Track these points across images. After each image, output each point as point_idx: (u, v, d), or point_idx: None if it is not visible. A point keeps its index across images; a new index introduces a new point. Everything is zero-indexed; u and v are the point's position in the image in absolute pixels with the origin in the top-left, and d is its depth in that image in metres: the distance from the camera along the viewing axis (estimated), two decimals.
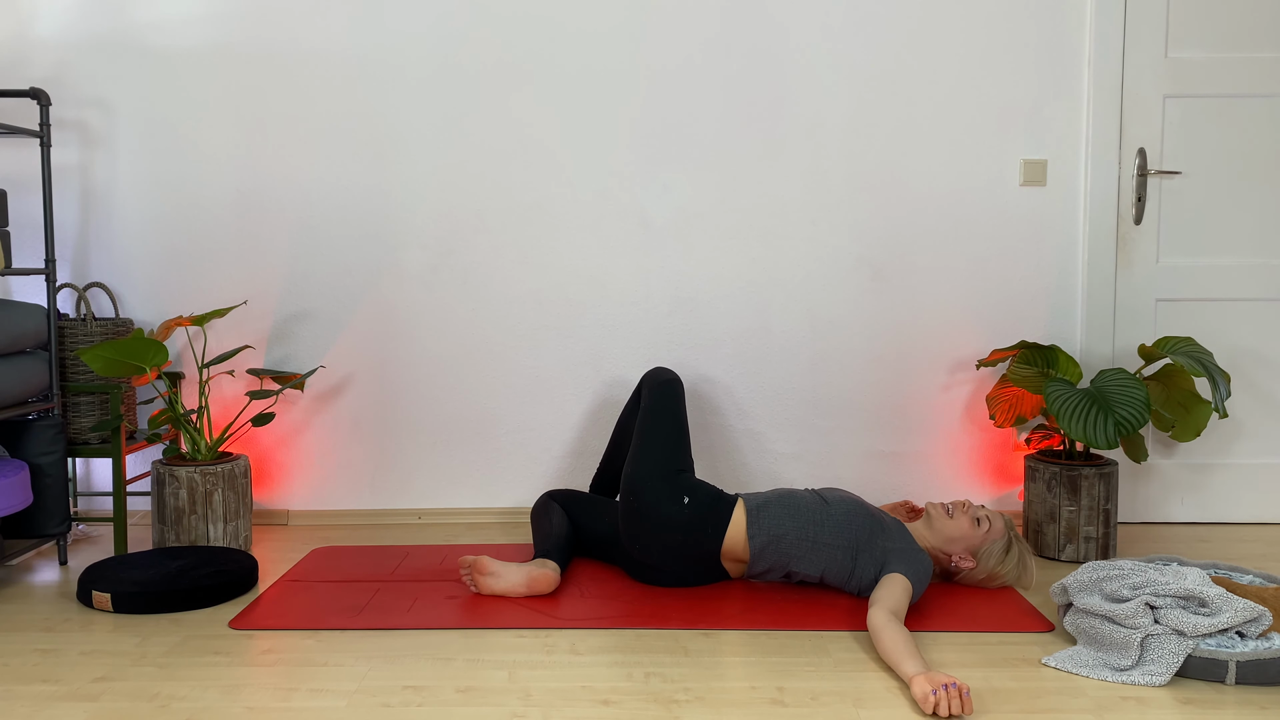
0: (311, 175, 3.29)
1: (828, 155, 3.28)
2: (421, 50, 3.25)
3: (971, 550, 2.60)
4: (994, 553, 2.60)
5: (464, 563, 2.62)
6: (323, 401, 3.35)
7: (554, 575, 2.60)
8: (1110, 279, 3.28)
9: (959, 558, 2.60)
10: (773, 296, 3.32)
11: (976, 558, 2.60)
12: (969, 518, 2.62)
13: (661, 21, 3.24)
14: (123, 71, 3.26)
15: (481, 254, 3.31)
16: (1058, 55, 3.25)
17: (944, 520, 2.62)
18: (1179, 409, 3.03)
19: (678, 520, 2.56)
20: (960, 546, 2.60)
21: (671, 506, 2.57)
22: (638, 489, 2.60)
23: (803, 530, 2.54)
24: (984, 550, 2.60)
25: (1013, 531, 2.65)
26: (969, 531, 2.60)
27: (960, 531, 2.60)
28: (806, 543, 2.53)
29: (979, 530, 2.61)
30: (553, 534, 2.78)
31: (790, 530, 2.54)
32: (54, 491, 2.86)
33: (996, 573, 2.61)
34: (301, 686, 2.08)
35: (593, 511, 2.89)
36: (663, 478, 2.60)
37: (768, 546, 2.55)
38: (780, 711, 1.96)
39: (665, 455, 2.64)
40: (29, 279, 3.31)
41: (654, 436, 2.68)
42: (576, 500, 2.94)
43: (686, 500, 2.57)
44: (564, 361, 3.34)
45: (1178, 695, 2.03)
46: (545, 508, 2.91)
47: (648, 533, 2.59)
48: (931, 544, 2.63)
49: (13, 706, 1.99)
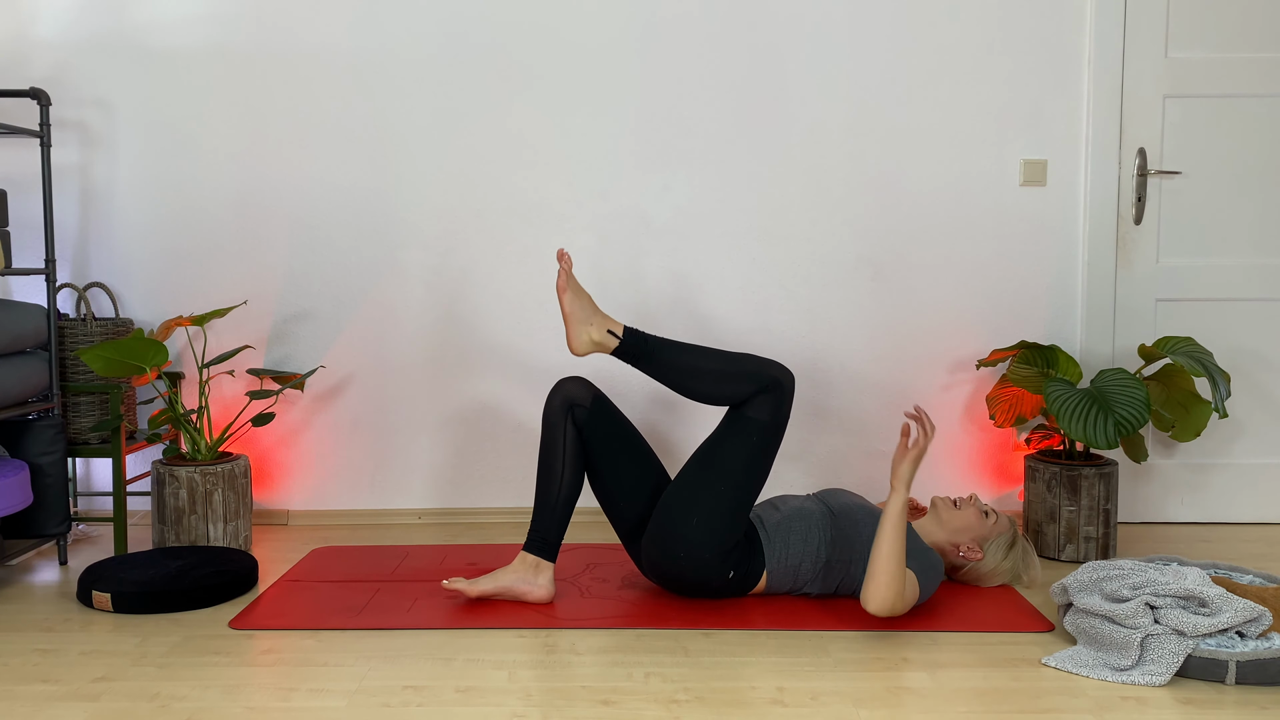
0: (311, 175, 3.29)
1: (828, 155, 3.28)
2: (422, 50, 3.25)
3: (979, 541, 2.60)
4: (1000, 545, 2.60)
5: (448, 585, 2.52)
6: (323, 401, 3.35)
7: (548, 589, 2.50)
8: (1110, 279, 3.28)
9: (966, 549, 2.59)
10: (773, 296, 3.32)
11: (983, 550, 2.60)
12: (976, 509, 2.62)
13: (662, 21, 3.24)
14: (123, 71, 3.26)
15: (481, 254, 3.31)
16: (1058, 55, 3.25)
17: (951, 512, 2.62)
18: (1179, 409, 3.03)
19: (714, 586, 2.50)
20: (967, 537, 2.60)
21: (715, 579, 2.47)
22: (684, 556, 2.43)
23: (816, 558, 2.51)
24: (991, 542, 2.60)
25: (1016, 528, 2.66)
26: (976, 522, 2.60)
27: (967, 522, 2.60)
28: (820, 566, 2.51)
29: (986, 522, 2.61)
30: (557, 504, 2.50)
31: (806, 566, 2.51)
32: (54, 491, 2.86)
33: (1002, 566, 2.61)
34: (301, 686, 2.08)
35: (629, 482, 2.55)
36: (719, 555, 2.43)
37: (783, 585, 2.55)
38: (780, 711, 1.96)
39: (728, 527, 2.43)
40: (29, 279, 3.31)
41: (727, 497, 2.43)
42: (607, 450, 2.55)
43: (732, 575, 2.47)
44: (564, 361, 3.33)
45: (1178, 695, 2.03)
46: (557, 435, 2.52)
47: (675, 582, 2.51)
48: (938, 538, 2.62)
49: (13, 706, 1.99)
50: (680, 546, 2.43)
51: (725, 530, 2.43)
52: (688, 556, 2.43)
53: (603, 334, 2.50)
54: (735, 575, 2.48)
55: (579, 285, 2.52)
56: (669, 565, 2.47)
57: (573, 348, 2.51)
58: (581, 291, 2.52)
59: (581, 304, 2.51)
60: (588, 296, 2.53)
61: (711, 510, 2.42)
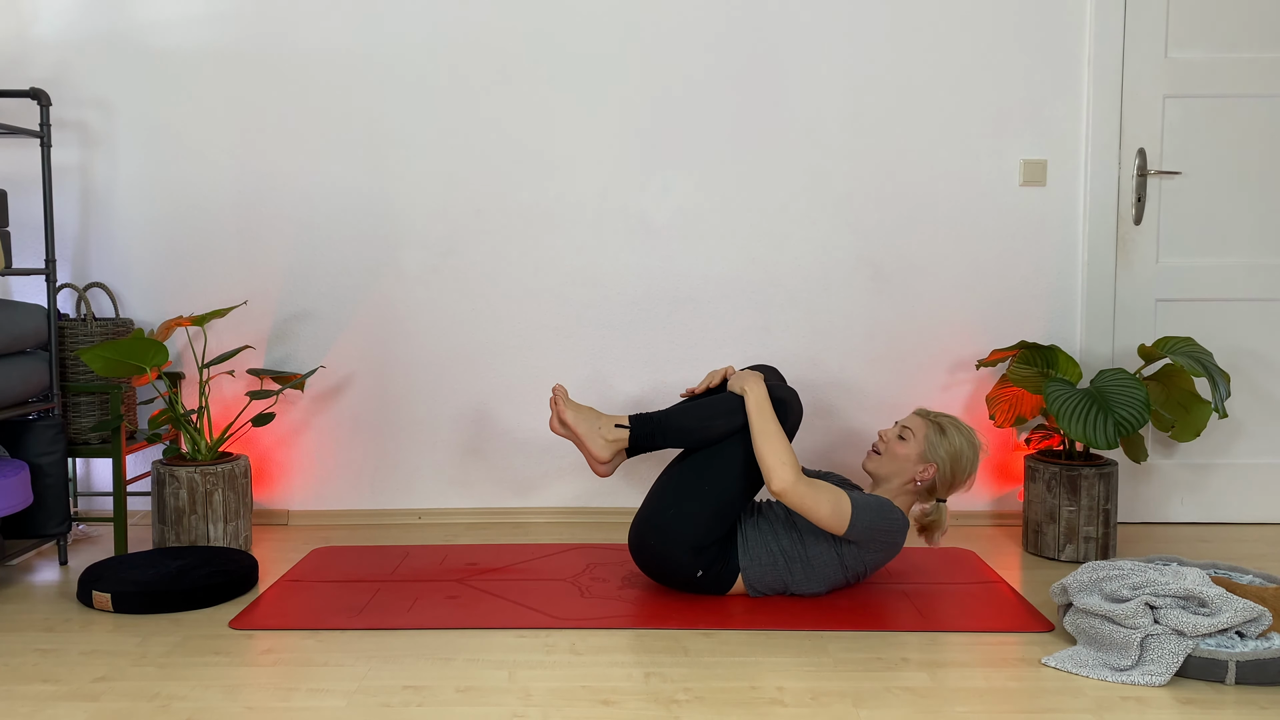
0: (311, 175, 3.29)
1: (828, 155, 3.28)
2: (422, 50, 3.25)
3: (920, 459, 2.59)
4: (936, 442, 2.59)
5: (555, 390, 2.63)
6: (323, 401, 3.35)
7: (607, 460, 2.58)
8: (1110, 279, 3.28)
9: (919, 475, 2.59)
10: (773, 296, 3.32)
11: (930, 459, 2.59)
12: (895, 440, 2.62)
13: (663, 22, 3.24)
14: (123, 71, 3.26)
15: (481, 254, 3.31)
16: (1058, 55, 3.25)
17: (879, 462, 2.62)
18: (1179, 409, 3.03)
19: (681, 578, 2.56)
20: (911, 464, 2.59)
21: (686, 571, 2.54)
22: (660, 545, 2.53)
23: (791, 555, 2.53)
24: (927, 450, 2.59)
25: (936, 414, 2.64)
26: (903, 451, 2.60)
27: (901, 452, 2.60)
28: (797, 562, 2.53)
29: (910, 444, 2.60)
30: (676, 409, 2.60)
31: (781, 564, 2.53)
32: (54, 491, 2.86)
33: (955, 455, 2.58)
34: (301, 686, 2.08)
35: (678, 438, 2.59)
36: (693, 549, 2.51)
37: (770, 586, 2.56)
38: (780, 711, 1.96)
39: (708, 526, 2.50)
40: (29, 279, 3.31)
41: (711, 496, 2.51)
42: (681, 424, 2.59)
43: (700, 574, 2.54)
44: (564, 361, 3.34)
45: (1178, 695, 2.03)
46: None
47: (649, 564, 2.59)
48: (895, 483, 2.62)
49: (13, 706, 1.99)
50: (655, 534, 2.54)
51: (702, 528, 2.50)
52: (660, 544, 2.53)
53: (612, 430, 2.60)
54: (705, 575, 2.53)
55: (576, 404, 2.63)
56: (645, 546, 2.57)
57: (597, 457, 2.61)
58: (580, 406, 2.63)
59: (584, 416, 2.62)
60: (587, 408, 2.63)
61: (696, 507, 2.51)
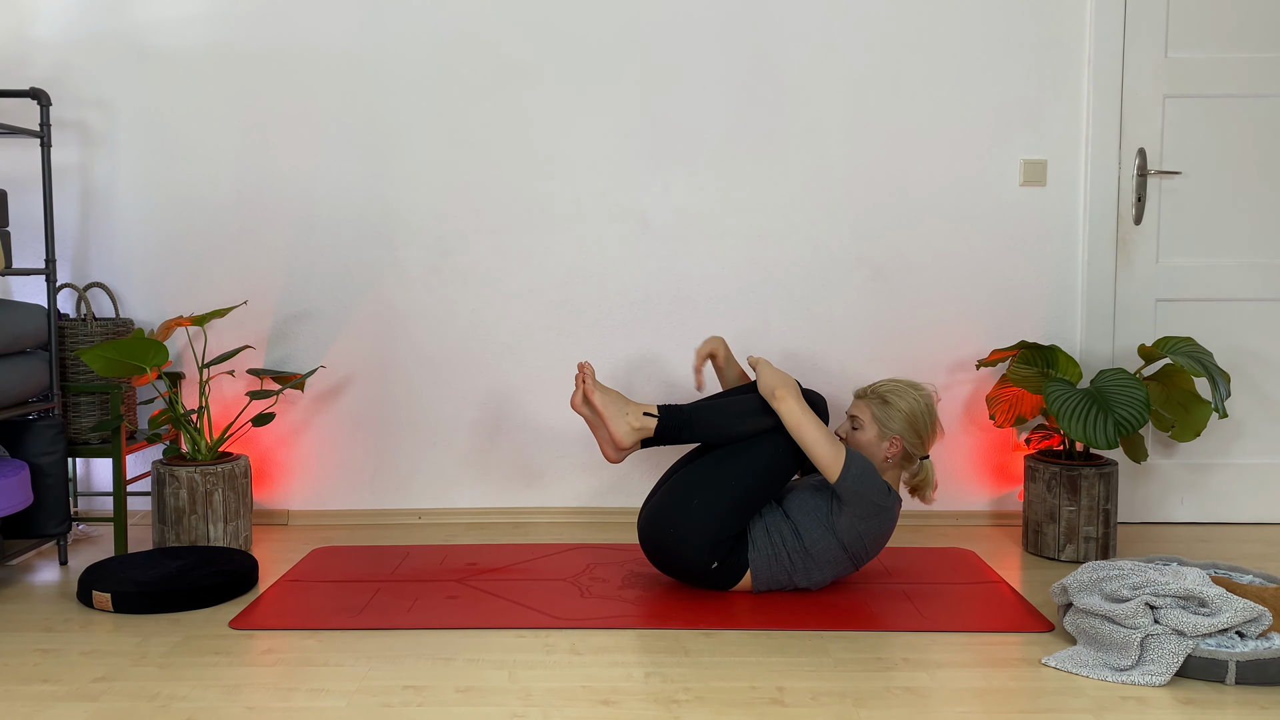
0: (311, 175, 3.29)
1: (828, 155, 3.28)
2: (422, 50, 3.25)
3: (880, 436, 2.59)
4: (886, 417, 2.58)
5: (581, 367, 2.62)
6: (323, 401, 3.35)
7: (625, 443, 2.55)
8: (1110, 279, 3.28)
9: (887, 450, 2.59)
10: (773, 296, 3.32)
11: (893, 435, 2.58)
12: (851, 433, 2.62)
13: (662, 21, 3.24)
14: (123, 71, 3.26)
15: (481, 254, 3.31)
16: (1058, 55, 3.25)
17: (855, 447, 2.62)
18: (1179, 409, 3.03)
19: (695, 571, 2.56)
20: (876, 446, 2.59)
21: (700, 563, 2.54)
22: (674, 534, 2.53)
23: (794, 549, 2.54)
24: (881, 428, 2.58)
25: (872, 388, 2.63)
26: (862, 437, 2.60)
27: (862, 440, 2.60)
28: (800, 554, 2.54)
29: (864, 427, 2.59)
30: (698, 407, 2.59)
31: (784, 558, 2.54)
32: (54, 491, 2.86)
33: (910, 419, 2.57)
34: (301, 686, 2.08)
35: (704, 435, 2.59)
36: (711, 543, 2.51)
37: (775, 581, 2.58)
38: (780, 711, 1.96)
39: (726, 521, 2.50)
40: (29, 279, 3.31)
41: (736, 492, 2.51)
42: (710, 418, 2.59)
43: (715, 566, 2.54)
44: (564, 361, 3.34)
45: (1178, 695, 2.03)
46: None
47: (660, 555, 2.59)
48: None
49: (13, 706, 1.99)
50: (672, 525, 2.53)
51: (722, 522, 2.50)
52: (678, 535, 2.52)
53: (640, 418, 2.58)
54: (719, 567, 2.54)
55: (603, 385, 2.61)
56: (659, 536, 2.55)
57: (616, 440, 2.58)
58: (608, 389, 2.61)
59: (612, 399, 2.60)
60: (615, 391, 2.62)
61: (716, 499, 2.50)
